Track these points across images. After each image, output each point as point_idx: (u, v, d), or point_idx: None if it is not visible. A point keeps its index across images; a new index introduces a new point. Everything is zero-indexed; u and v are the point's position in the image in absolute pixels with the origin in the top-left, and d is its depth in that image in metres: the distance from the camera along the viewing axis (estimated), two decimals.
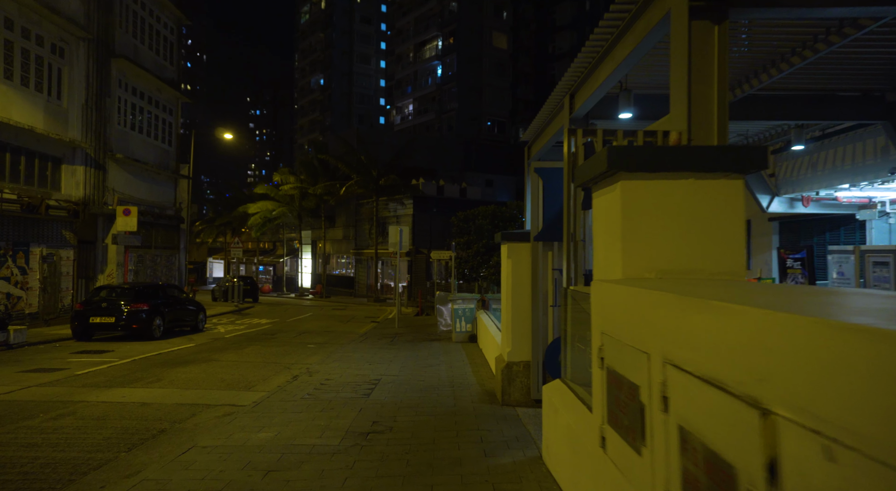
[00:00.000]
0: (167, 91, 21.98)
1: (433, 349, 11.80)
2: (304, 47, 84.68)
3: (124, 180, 19.25)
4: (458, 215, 21.71)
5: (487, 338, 9.98)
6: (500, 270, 19.83)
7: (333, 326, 18.44)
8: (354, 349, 11.93)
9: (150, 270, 20.72)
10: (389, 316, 22.58)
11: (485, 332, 10.60)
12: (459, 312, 12.67)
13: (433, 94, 58.09)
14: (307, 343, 13.65)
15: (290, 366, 10.00)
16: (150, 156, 21.02)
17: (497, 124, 57.53)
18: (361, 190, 33.91)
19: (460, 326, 12.70)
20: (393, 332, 15.78)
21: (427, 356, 10.75)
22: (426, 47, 59.58)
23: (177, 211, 22.95)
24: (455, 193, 37.62)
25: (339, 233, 41.82)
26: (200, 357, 10.91)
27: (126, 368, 9.53)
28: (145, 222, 20.44)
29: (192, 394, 7.56)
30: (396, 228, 17.28)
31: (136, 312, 13.11)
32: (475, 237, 19.40)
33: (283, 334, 15.54)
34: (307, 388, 7.70)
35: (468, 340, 12.70)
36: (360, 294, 37.92)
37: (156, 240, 21.30)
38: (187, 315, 15.40)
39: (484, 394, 7.32)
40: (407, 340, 13.58)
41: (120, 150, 18.76)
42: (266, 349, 12.28)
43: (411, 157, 35.37)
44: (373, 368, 9.33)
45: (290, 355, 11.37)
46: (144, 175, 20.65)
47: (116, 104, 18.71)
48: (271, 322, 19.55)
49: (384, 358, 10.53)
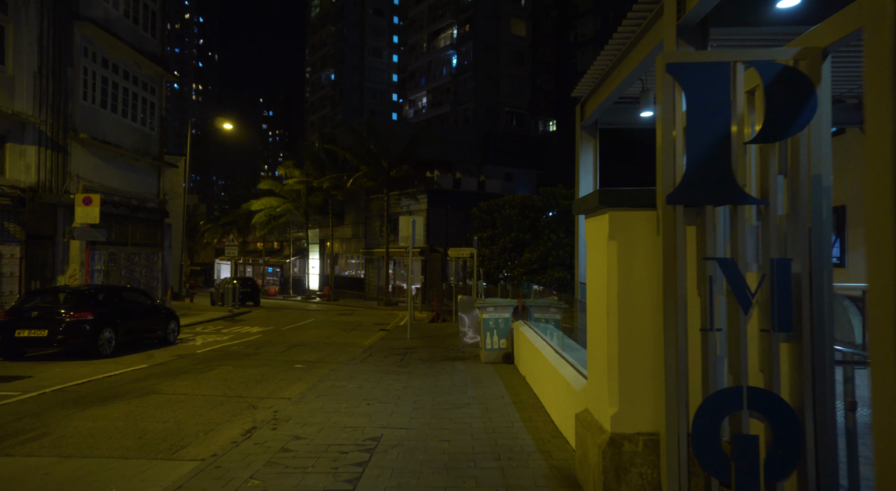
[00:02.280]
0: (148, 66, 19.27)
1: (457, 375, 8.78)
2: (315, 42, 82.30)
3: (92, 166, 16.53)
4: (479, 206, 18.74)
5: (538, 364, 6.94)
6: (532, 269, 16.87)
7: (334, 336, 15.53)
8: (352, 374, 8.96)
9: (125, 270, 17.99)
10: (401, 322, 19.62)
11: (531, 353, 7.56)
12: (490, 323, 9.64)
13: (448, 85, 55.13)
14: (295, 362, 10.72)
15: (256, 403, 7.06)
16: (127, 139, 18.30)
17: (516, 116, 54.38)
18: (371, 183, 31.02)
19: (492, 341, 9.67)
20: (404, 345, 12.79)
21: (450, 388, 7.73)
22: (440, 36, 56.65)
23: (160, 204, 20.23)
24: (473, 187, 34.61)
25: (348, 231, 39.01)
26: (140, 387, 8.01)
27: (11, 411, 6.64)
28: (119, 215, 17.72)
29: (68, 468, 4.63)
30: (408, 219, 14.32)
31: (77, 324, 10.28)
32: (502, 230, 16.37)
33: (270, 348, 12.63)
34: (260, 458, 4.73)
35: (502, 360, 9.67)
36: (370, 297, 35.04)
37: (133, 236, 18.58)
38: (153, 325, 12.57)
39: (557, 478, 4.29)
40: (421, 358, 10.58)
41: (86, 129, 16.05)
42: (237, 373, 9.36)
43: (425, 148, 32.42)
44: (371, 413, 6.32)
45: (264, 384, 8.43)
46: (119, 161, 17.94)
47: (81, 76, 16.00)
48: (263, 331, 16.70)
49: (390, 391, 7.52)
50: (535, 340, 7.56)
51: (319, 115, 78.61)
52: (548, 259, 15.09)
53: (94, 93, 16.58)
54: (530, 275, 15.31)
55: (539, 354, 6.80)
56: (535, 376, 7.18)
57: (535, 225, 15.80)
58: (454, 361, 10.25)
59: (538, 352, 6.87)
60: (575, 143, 9.68)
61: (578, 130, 9.52)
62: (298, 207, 37.47)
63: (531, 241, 15.82)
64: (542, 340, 7.32)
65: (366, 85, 75.37)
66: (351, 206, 38.40)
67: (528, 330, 8.40)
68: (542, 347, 6.88)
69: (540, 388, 6.74)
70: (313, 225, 41.15)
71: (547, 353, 6.50)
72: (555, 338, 7.38)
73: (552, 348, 6.54)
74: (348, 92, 74.94)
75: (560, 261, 15.01)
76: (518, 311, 10.64)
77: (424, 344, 13.06)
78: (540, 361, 6.73)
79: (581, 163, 9.47)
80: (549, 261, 15.07)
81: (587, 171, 9.47)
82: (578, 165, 9.54)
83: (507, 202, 16.96)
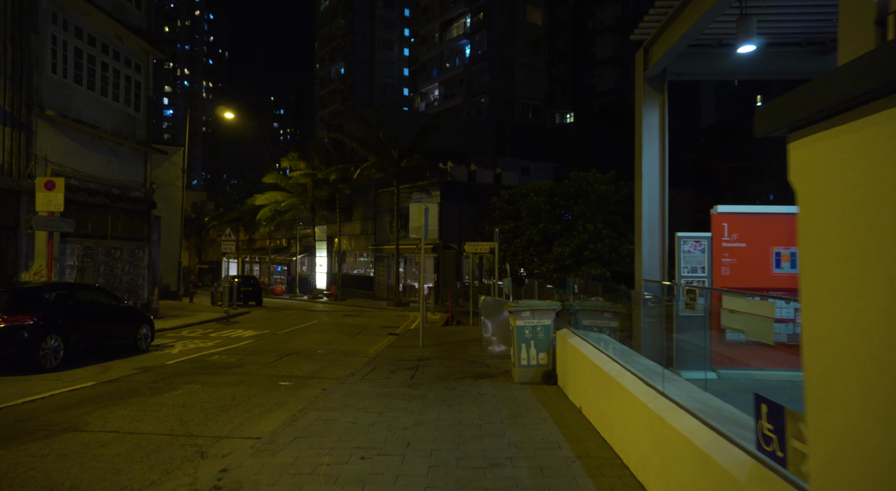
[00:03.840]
0: (132, 41, 17.36)
1: (486, 402, 6.66)
2: (324, 35, 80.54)
3: (64, 148, 14.63)
4: (500, 195, 16.58)
5: (609, 395, 4.82)
6: (564, 265, 14.59)
7: (336, 342, 13.51)
8: (348, 398, 6.89)
9: (103, 266, 16.08)
10: (412, 325, 17.56)
11: (592, 377, 5.44)
12: (526, 332, 7.50)
13: (461, 75, 52.95)
14: (281, 378, 8.68)
15: (206, 449, 5.00)
16: (107, 120, 16.39)
17: (532, 108, 52.08)
18: (380, 174, 28.99)
19: (528, 355, 7.53)
20: (416, 355, 10.70)
21: (479, 426, 5.62)
22: (453, 26, 54.49)
23: (146, 193, 18.32)
24: (488, 179, 32.44)
25: (356, 227, 37.03)
26: (61, 419, 5.99)
27: None
28: (96, 205, 15.82)
29: None
30: (419, 207, 12.23)
31: (11, 330, 8.31)
32: (528, 221, 14.18)
33: (257, 358, 10.61)
34: None
35: (541, 380, 7.52)
36: (379, 296, 33.02)
37: (114, 228, 16.67)
38: (118, 330, 10.60)
39: None
40: (437, 375, 8.48)
41: (56, 106, 14.15)
42: (203, 394, 7.33)
43: (438, 138, 30.32)
44: (366, 477, 4.22)
45: (230, 412, 6.39)
46: (97, 144, 16.03)
47: (49, 45, 14.09)
48: (256, 335, 14.72)
49: (395, 432, 5.43)
50: (598, 358, 5.41)
51: (329, 109, 76.83)
52: (583, 253, 12.92)
53: (65, 66, 14.67)
54: (562, 272, 13.16)
55: (611, 383, 4.67)
56: (603, 413, 5.03)
57: (567, 215, 13.62)
58: (478, 378, 8.13)
59: (610, 380, 4.73)
60: (635, 100, 7.52)
61: (640, 83, 7.38)
62: (304, 202, 35.56)
63: (562, 233, 13.65)
64: (613, 361, 5.17)
65: (376, 79, 73.46)
66: (359, 200, 36.41)
67: (584, 344, 6.25)
68: (616, 372, 4.73)
69: (617, 434, 4.59)
70: (320, 221, 39.24)
71: (628, 382, 4.36)
72: (631, 359, 5.24)
73: (638, 378, 4.39)
74: (358, 86, 73.08)
75: (598, 255, 12.85)
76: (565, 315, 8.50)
77: (439, 353, 10.96)
78: (614, 392, 4.60)
79: (644, 125, 7.32)
80: (584, 255, 12.90)
81: (651, 137, 7.32)
82: (640, 129, 7.38)
83: (532, 189, 14.78)
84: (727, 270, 6.79)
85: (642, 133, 7.33)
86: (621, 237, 13.41)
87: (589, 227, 12.76)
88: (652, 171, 7.27)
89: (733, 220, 6.75)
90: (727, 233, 6.76)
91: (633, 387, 4.22)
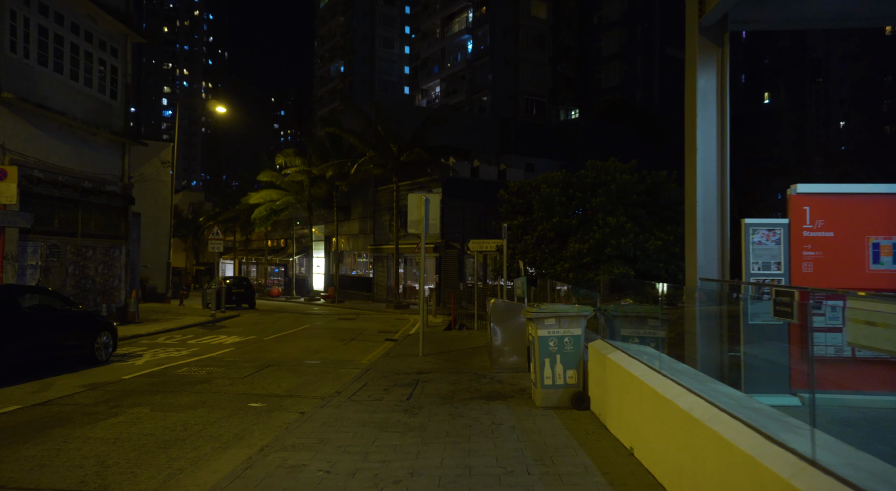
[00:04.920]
0: (107, 22, 15.95)
1: (503, 436, 5.20)
2: (324, 33, 79.22)
3: (26, 136, 13.21)
4: (508, 187, 15.11)
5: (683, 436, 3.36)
6: (582, 263, 12.90)
7: (327, 350, 12.06)
8: (327, 428, 5.43)
9: (72, 267, 14.64)
10: (412, 330, 16.11)
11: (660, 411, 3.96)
12: (550, 345, 6.04)
13: (463, 71, 51.52)
14: (252, 397, 7.22)
15: None
16: (78, 107, 14.98)
17: (536, 104, 50.63)
18: (379, 170, 27.55)
19: (552, 372, 6.06)
20: (415, 367, 9.24)
21: (497, 476, 4.15)
22: (455, 20, 53.09)
23: (124, 188, 16.90)
24: (492, 176, 31.02)
25: (354, 226, 35.58)
26: None
27: None
28: (64, 199, 14.41)
29: None
30: (419, 198, 10.78)
31: None
32: (541, 214, 12.67)
33: (231, 372, 9.15)
34: None
35: (570, 404, 6.05)
36: (378, 298, 31.56)
37: (85, 225, 15.24)
38: (71, 340, 9.15)
39: None
40: (440, 395, 7.02)
41: (15, 89, 12.73)
42: (148, 422, 5.87)
43: (440, 133, 28.88)
44: None
45: (173, 451, 4.93)
46: (66, 133, 14.62)
47: (9, 22, 12.68)
48: (240, 342, 13.28)
49: (383, 485, 3.96)
50: (663, 386, 3.93)
51: (329, 108, 75.42)
52: (604, 250, 11.43)
53: (27, 45, 13.26)
54: (579, 271, 11.70)
55: (695, 427, 3.20)
56: (679, 468, 3.53)
57: (585, 208, 12.14)
58: (490, 400, 6.66)
59: (692, 422, 3.25)
60: (686, 56, 6.05)
61: (693, 35, 5.92)
62: (301, 201, 34.15)
63: (578, 227, 12.17)
64: (689, 391, 3.68)
65: (376, 77, 72.11)
66: (358, 199, 34.99)
67: (634, 363, 4.77)
68: (701, 412, 3.25)
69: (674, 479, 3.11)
70: (318, 220, 37.82)
71: (726, 429, 2.88)
72: (709, 388, 3.76)
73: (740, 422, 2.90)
74: (358, 84, 71.71)
75: (621, 252, 11.36)
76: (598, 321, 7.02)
77: (442, 364, 9.49)
78: (701, 442, 3.12)
79: (699, 88, 5.86)
80: (605, 252, 11.42)
81: (707, 102, 5.85)
82: (693, 93, 5.92)
83: (545, 180, 13.30)
84: (809, 266, 5.33)
85: (696, 98, 5.88)
86: (645, 232, 11.94)
87: (611, 221, 11.28)
88: (708, 144, 5.81)
89: (818, 202, 5.29)
90: (809, 219, 5.30)
91: (739, 439, 2.74)
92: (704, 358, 5.62)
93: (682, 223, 14.60)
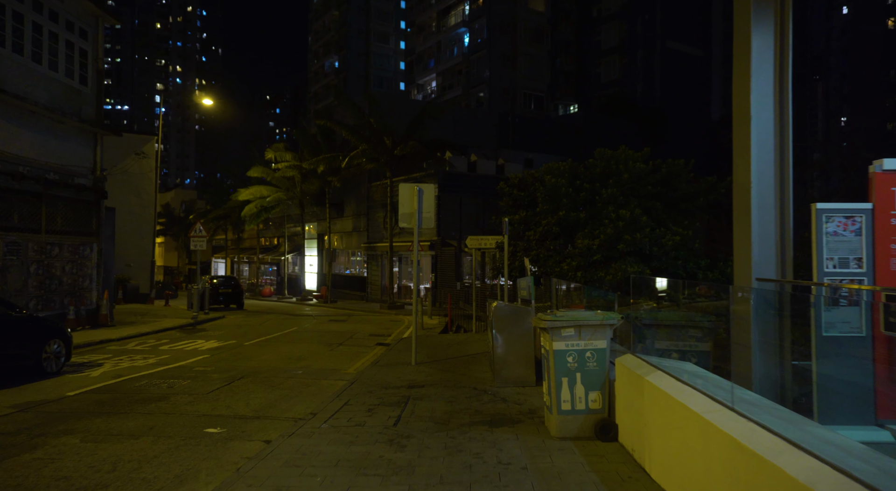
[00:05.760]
0: (75, 1, 14.75)
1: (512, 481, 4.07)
2: (318, 28, 77.87)
3: None
4: (509, 180, 13.96)
5: None
6: (591, 260, 11.57)
7: (310, 357, 10.91)
8: (289, 470, 4.30)
9: (35, 266, 13.44)
10: (406, 333, 14.98)
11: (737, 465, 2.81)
12: (569, 360, 4.91)
13: (459, 66, 50.35)
14: (212, 420, 6.07)
15: None
16: (42, 93, 13.78)
17: (534, 99, 49.50)
18: (372, 164, 26.37)
19: (572, 394, 4.93)
20: (406, 378, 8.09)
21: None
22: (451, 13, 51.89)
23: (96, 181, 15.69)
24: (490, 170, 29.89)
25: (348, 224, 34.39)
26: None
27: None
28: (26, 192, 13.22)
29: None
30: (411, 188, 9.65)
31: None
32: (546, 208, 11.52)
33: (197, 385, 7.99)
34: None
35: (594, 434, 4.92)
36: (372, 298, 30.41)
37: (51, 220, 14.04)
38: (12, 348, 7.99)
39: None
40: (434, 419, 5.88)
41: None
42: (63, 463, 4.72)
43: (436, 127, 27.76)
44: None
45: None
46: (28, 120, 13.42)
47: None
48: (217, 348, 12.13)
49: None
50: (738, 429, 2.81)
51: (323, 104, 74.09)
52: (617, 246, 10.30)
53: None
54: (588, 269, 10.58)
55: None
56: None
57: (594, 200, 11.01)
58: (494, 426, 5.53)
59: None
60: (734, 7, 4.93)
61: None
62: (292, 197, 32.96)
63: (587, 222, 11.05)
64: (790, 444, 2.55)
65: (371, 72, 70.86)
66: (351, 195, 33.81)
67: (685, 389, 3.63)
68: (823, 486, 2.12)
69: None
70: (310, 218, 36.63)
71: None
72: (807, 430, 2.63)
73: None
74: (353, 80, 70.45)
75: (636, 248, 10.23)
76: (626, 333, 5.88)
77: (437, 375, 8.35)
78: None
79: (754, 46, 4.74)
80: (619, 248, 10.29)
81: (763, 60, 4.72)
82: (744, 51, 4.80)
83: (548, 170, 12.16)
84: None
85: (750, 56, 4.74)
86: (661, 227, 10.82)
87: (624, 214, 10.14)
88: (764, 112, 4.68)
89: None
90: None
91: None
92: (762, 378, 4.50)
93: (699, 217, 13.52)
